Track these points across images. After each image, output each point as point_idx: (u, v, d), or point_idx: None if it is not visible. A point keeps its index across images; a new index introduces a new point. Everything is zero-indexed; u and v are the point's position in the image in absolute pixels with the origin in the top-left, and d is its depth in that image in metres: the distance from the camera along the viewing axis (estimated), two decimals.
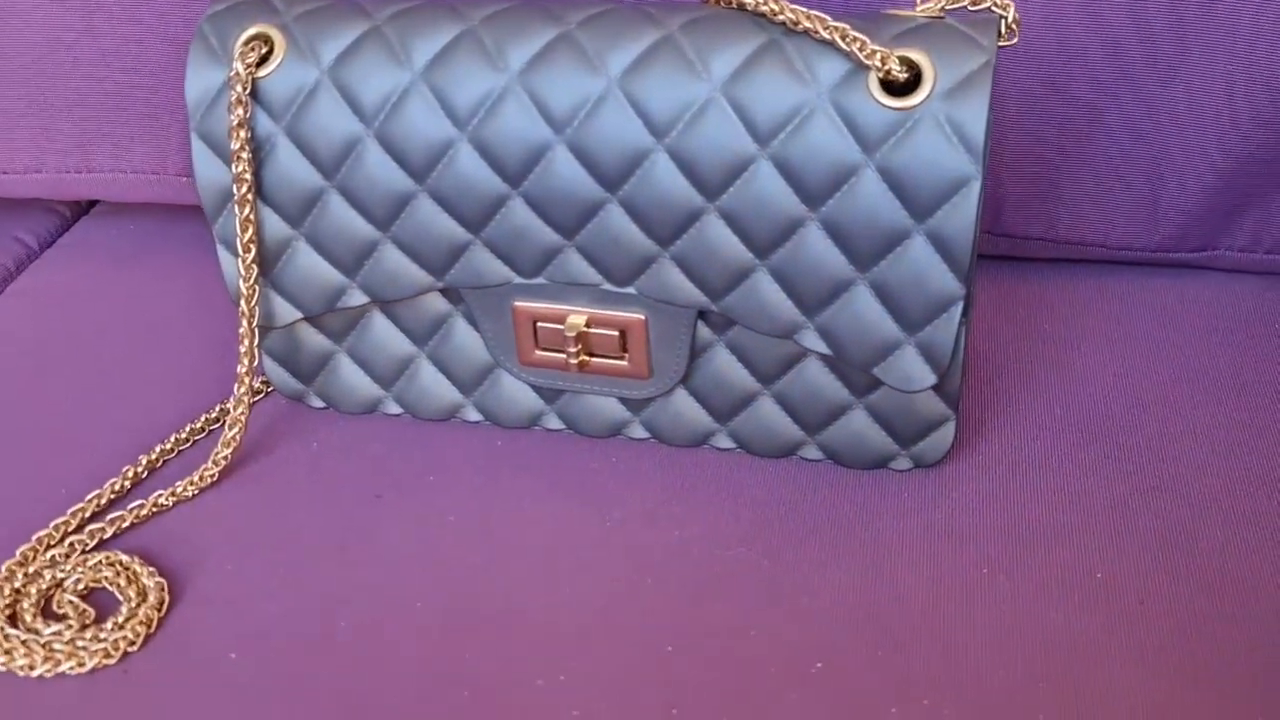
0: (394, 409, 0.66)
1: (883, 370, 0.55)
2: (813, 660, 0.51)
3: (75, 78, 0.75)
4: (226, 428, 0.62)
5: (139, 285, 0.78)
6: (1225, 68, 0.64)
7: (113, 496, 0.61)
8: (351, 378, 0.65)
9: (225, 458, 0.62)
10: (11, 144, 0.77)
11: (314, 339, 0.64)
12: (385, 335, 0.63)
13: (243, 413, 0.62)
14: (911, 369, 0.55)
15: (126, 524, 0.60)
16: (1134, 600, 0.53)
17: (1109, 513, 0.57)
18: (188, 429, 0.65)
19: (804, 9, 0.52)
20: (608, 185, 0.54)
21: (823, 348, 0.56)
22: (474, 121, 0.55)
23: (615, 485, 0.61)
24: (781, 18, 0.52)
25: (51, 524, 0.59)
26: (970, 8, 0.53)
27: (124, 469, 0.62)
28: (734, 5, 0.54)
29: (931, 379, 0.55)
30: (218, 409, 0.66)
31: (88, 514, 0.60)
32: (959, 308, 0.53)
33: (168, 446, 0.64)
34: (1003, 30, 0.53)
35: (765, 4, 0.53)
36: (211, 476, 0.62)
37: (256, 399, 0.67)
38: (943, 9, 0.53)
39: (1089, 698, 0.49)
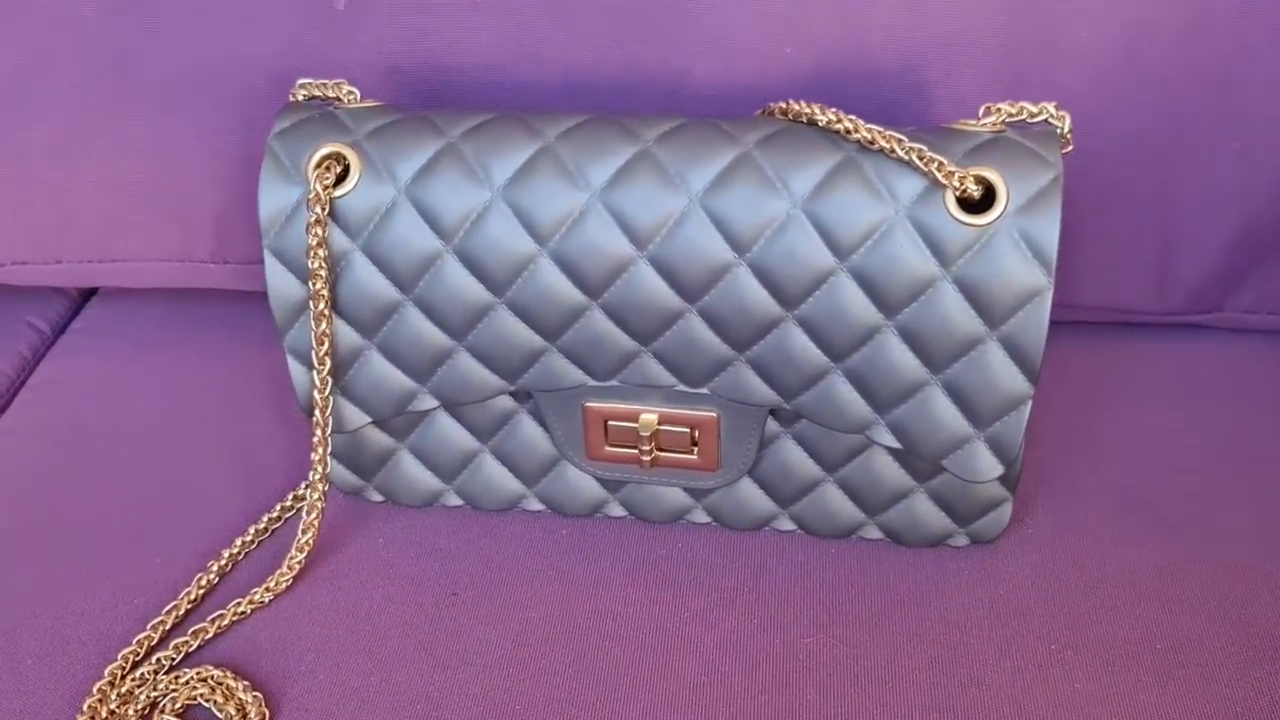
0: (454, 501, 0.67)
1: (951, 462, 0.58)
2: None
3: (96, 166, 0.74)
4: (300, 532, 0.63)
5: (166, 372, 0.78)
6: (1248, 147, 0.68)
7: (189, 606, 0.62)
8: (412, 472, 0.66)
9: (300, 562, 0.62)
10: (30, 233, 0.76)
11: (376, 437, 0.65)
12: (449, 432, 0.64)
13: (316, 518, 0.62)
14: (980, 462, 0.58)
15: (209, 635, 0.60)
16: (1195, 670, 0.57)
17: (1159, 582, 0.61)
18: (253, 531, 0.65)
19: (879, 128, 0.54)
20: (688, 297, 0.56)
21: (893, 442, 0.58)
22: (556, 238, 0.56)
23: (685, 572, 0.63)
24: (856, 136, 0.55)
25: (135, 640, 0.60)
26: (1029, 120, 0.56)
27: (196, 576, 0.63)
28: (805, 121, 0.56)
29: (999, 470, 0.58)
30: (278, 508, 0.67)
31: (168, 626, 0.61)
32: (1028, 406, 0.56)
33: (235, 551, 0.64)
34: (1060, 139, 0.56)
35: (840, 122, 0.55)
36: (286, 581, 0.62)
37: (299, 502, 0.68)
38: (1004, 123, 0.56)
39: None
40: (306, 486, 0.67)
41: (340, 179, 0.58)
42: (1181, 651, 0.58)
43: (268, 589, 0.62)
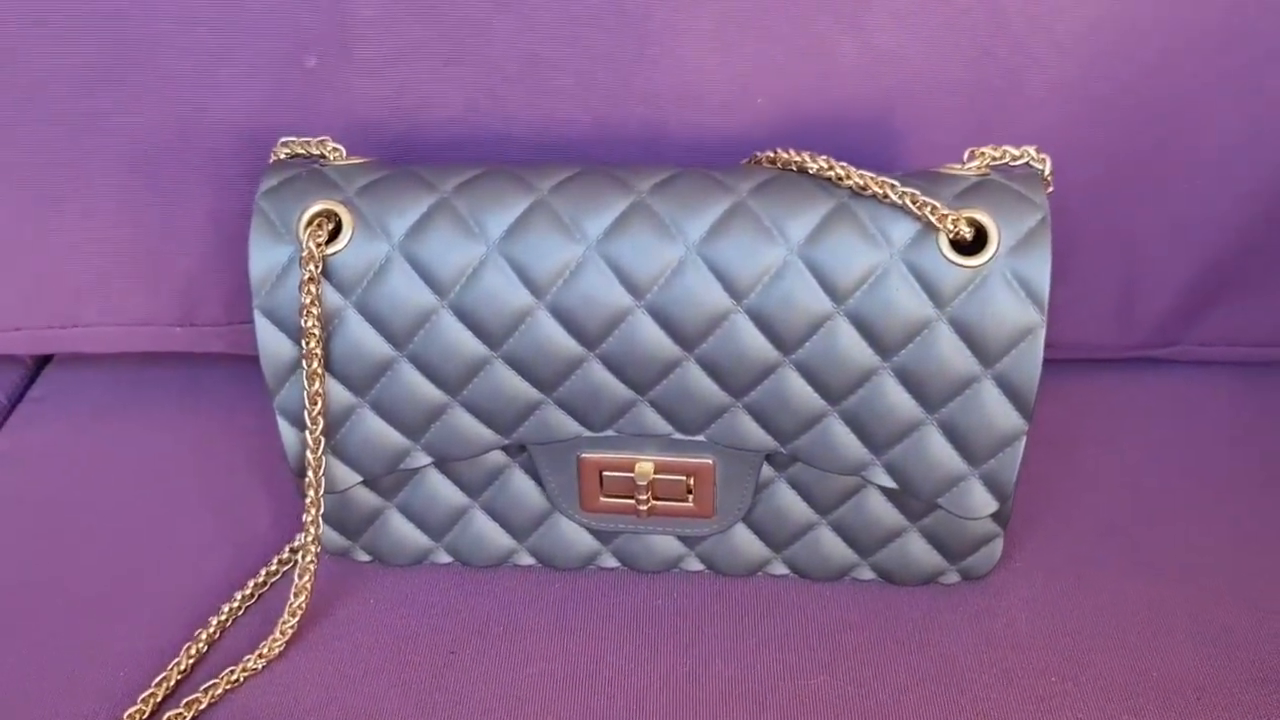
0: (444, 559, 0.66)
1: (947, 500, 0.59)
2: None
3: (62, 230, 0.73)
4: (292, 595, 0.61)
5: (132, 438, 0.76)
6: (1203, 185, 0.71)
7: (179, 677, 0.60)
8: (401, 531, 0.65)
9: (292, 626, 0.61)
10: None
11: (364, 497, 0.64)
12: (438, 489, 0.64)
13: (308, 581, 0.61)
14: (975, 500, 0.59)
15: (204, 705, 0.59)
16: (1192, 695, 0.58)
17: (1147, 612, 0.62)
18: (240, 596, 0.64)
19: (870, 173, 0.55)
20: (686, 345, 0.57)
21: (889, 482, 0.59)
22: (553, 290, 0.56)
23: (683, 621, 0.63)
24: (848, 183, 0.56)
25: (125, 715, 0.58)
26: (1011, 163, 0.58)
27: (185, 646, 0.61)
28: (795, 169, 0.57)
29: (994, 506, 0.59)
30: (264, 572, 0.65)
31: (159, 699, 0.59)
32: (1022, 442, 0.57)
33: (224, 617, 0.63)
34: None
35: (831, 169, 0.56)
36: (279, 646, 0.61)
37: (282, 565, 0.67)
38: (988, 166, 0.57)
39: None
40: (295, 550, 0.66)
41: (332, 236, 0.57)
42: (1177, 680, 0.59)
43: (261, 655, 0.61)
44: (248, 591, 0.64)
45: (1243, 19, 0.68)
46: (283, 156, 0.61)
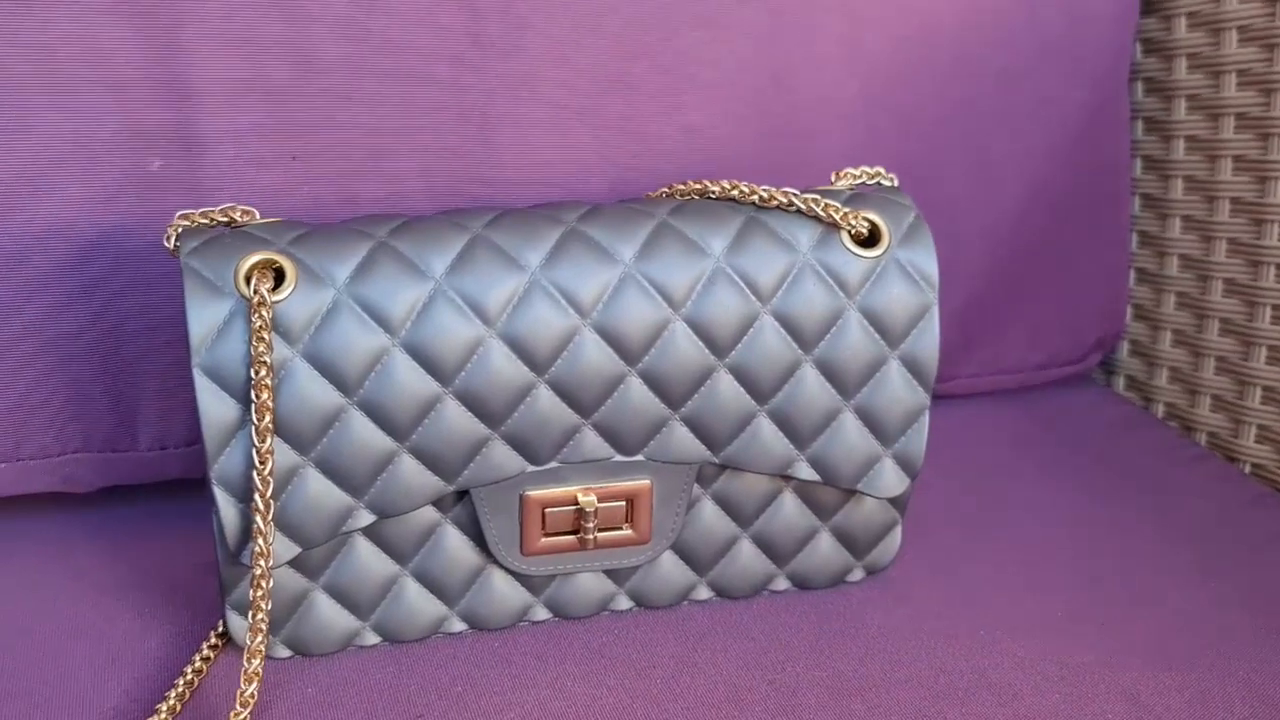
0: (371, 639, 0.63)
1: (865, 483, 0.64)
2: None
3: None
4: (243, 683, 0.56)
5: None
6: (951, 231, 0.83)
7: None
8: (327, 614, 0.62)
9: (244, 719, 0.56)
10: None
11: (288, 581, 0.61)
12: (367, 560, 0.62)
13: (258, 668, 0.57)
14: (888, 478, 0.65)
15: None
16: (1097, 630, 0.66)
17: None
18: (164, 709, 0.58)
19: (773, 187, 0.62)
20: (629, 359, 0.60)
21: (812, 475, 0.64)
22: (503, 318, 0.58)
23: (634, 653, 0.63)
24: (753, 197, 0.62)
25: None
26: (867, 182, 0.66)
27: None
28: (698, 195, 0.63)
29: (905, 483, 0.65)
30: (173, 694, 0.60)
31: None
32: (926, 417, 0.64)
33: None
34: None
35: (734, 189, 0.62)
36: None
37: (206, 664, 0.62)
38: (852, 186, 0.66)
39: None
40: (216, 643, 0.61)
41: (275, 286, 0.56)
42: (1087, 616, 0.66)
43: None
44: (170, 703, 0.59)
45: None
46: (180, 231, 0.59)
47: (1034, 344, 0.91)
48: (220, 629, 0.63)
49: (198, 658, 0.61)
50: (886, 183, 0.67)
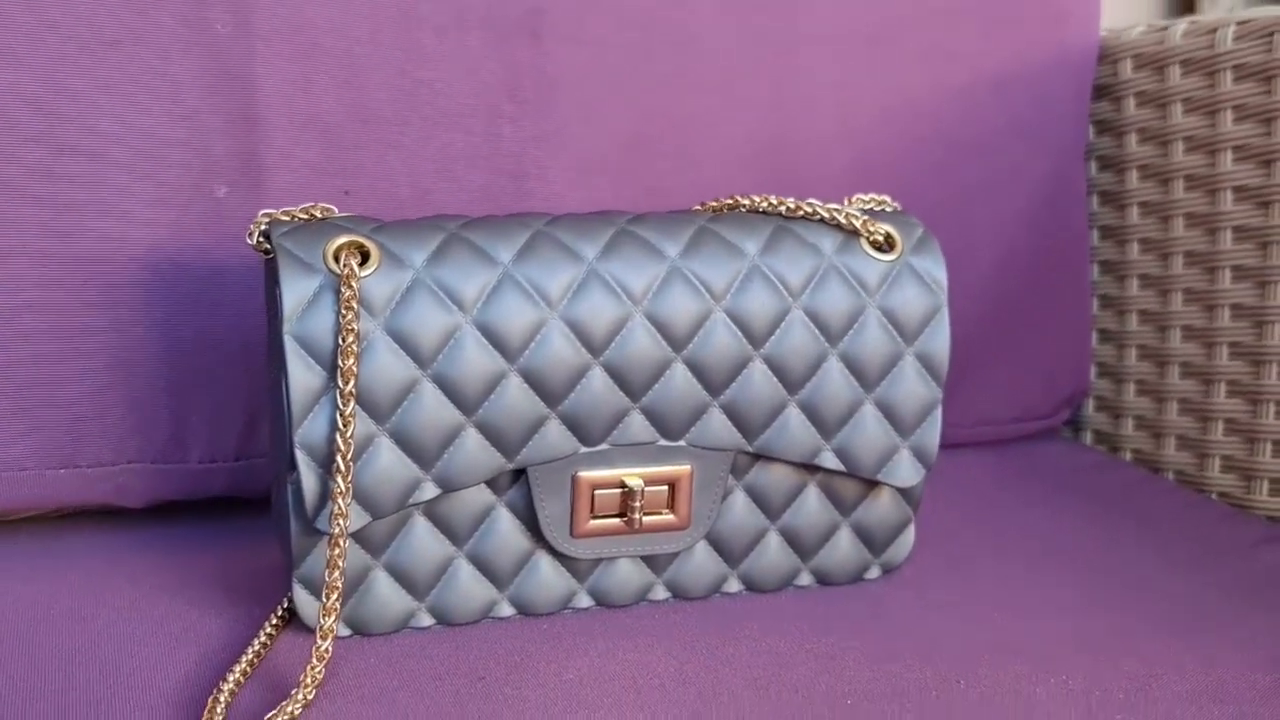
0: (425, 621, 0.66)
1: (885, 473, 0.70)
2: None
3: None
4: (315, 659, 0.59)
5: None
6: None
7: None
8: (385, 594, 0.65)
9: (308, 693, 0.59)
10: None
11: (352, 556, 0.64)
12: (425, 540, 0.65)
13: (328, 648, 0.59)
14: (906, 468, 0.70)
15: None
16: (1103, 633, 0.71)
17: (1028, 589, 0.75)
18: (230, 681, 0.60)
19: (796, 199, 0.69)
20: (675, 345, 0.65)
21: (837, 464, 0.69)
22: (563, 304, 0.64)
23: (677, 630, 0.67)
24: (781, 208, 0.69)
25: None
26: (875, 207, 0.74)
27: None
28: (728, 208, 0.70)
29: (922, 473, 0.70)
30: (250, 651, 0.62)
31: None
32: (939, 410, 0.70)
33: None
34: None
35: (764, 201, 0.69)
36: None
37: (274, 639, 0.64)
38: (862, 208, 0.73)
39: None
40: (284, 615, 0.63)
41: (362, 264, 0.61)
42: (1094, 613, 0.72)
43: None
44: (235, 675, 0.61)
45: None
46: (266, 223, 0.65)
47: (1008, 399, 0.98)
48: (281, 611, 0.66)
49: (263, 634, 0.63)
50: (890, 208, 0.74)
